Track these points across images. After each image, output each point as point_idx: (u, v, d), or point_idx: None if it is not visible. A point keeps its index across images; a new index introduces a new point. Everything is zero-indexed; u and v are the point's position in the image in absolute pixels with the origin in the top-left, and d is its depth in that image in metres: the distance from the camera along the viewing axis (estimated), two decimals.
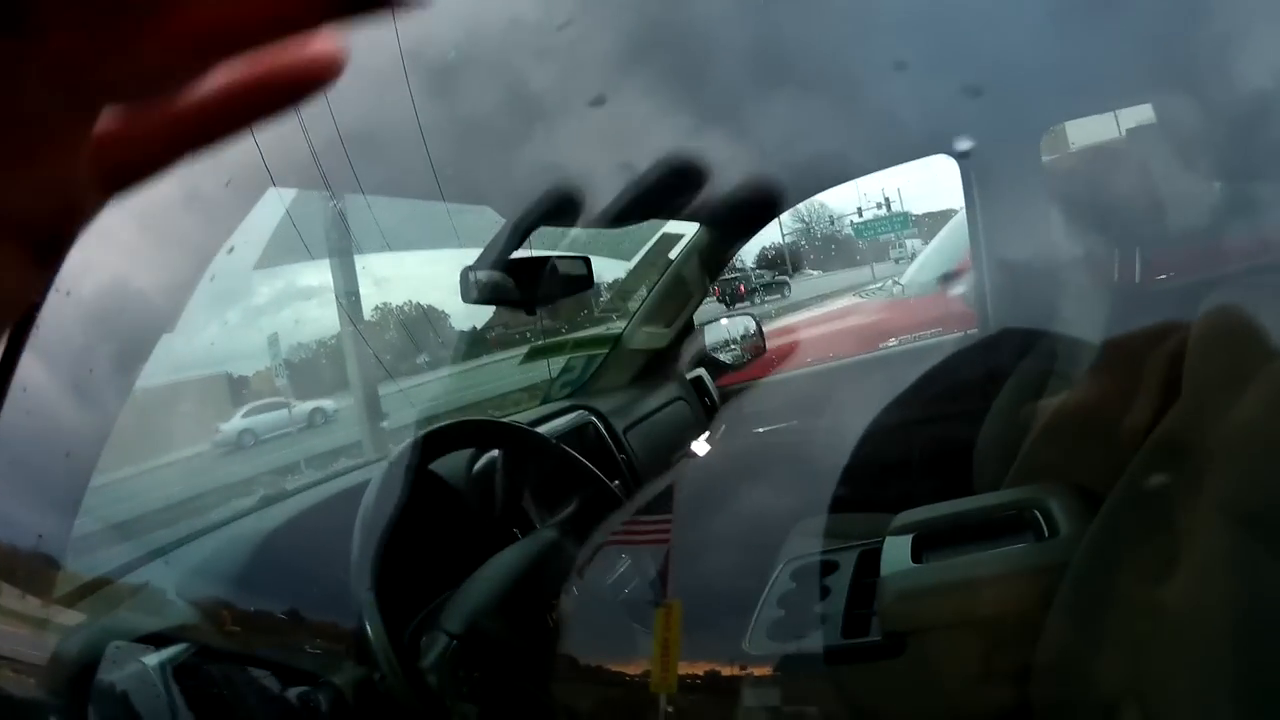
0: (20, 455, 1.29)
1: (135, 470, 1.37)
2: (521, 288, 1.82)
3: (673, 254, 2.67)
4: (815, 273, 11.17)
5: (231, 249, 1.47)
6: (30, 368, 1.22)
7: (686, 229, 2.61)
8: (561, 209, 1.82)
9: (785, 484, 2.76)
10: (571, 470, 1.51)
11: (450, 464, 1.60)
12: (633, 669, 1.37)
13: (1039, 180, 2.54)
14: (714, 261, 2.63)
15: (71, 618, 1.31)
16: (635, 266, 2.96)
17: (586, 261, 1.93)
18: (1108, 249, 1.98)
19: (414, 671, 1.15)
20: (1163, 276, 2.25)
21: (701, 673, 1.68)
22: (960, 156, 2.68)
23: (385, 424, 2.57)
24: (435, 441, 1.35)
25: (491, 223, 1.94)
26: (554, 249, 1.98)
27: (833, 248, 10.85)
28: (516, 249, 1.89)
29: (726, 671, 1.47)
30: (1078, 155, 2.23)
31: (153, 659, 1.23)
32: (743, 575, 1.99)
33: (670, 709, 1.37)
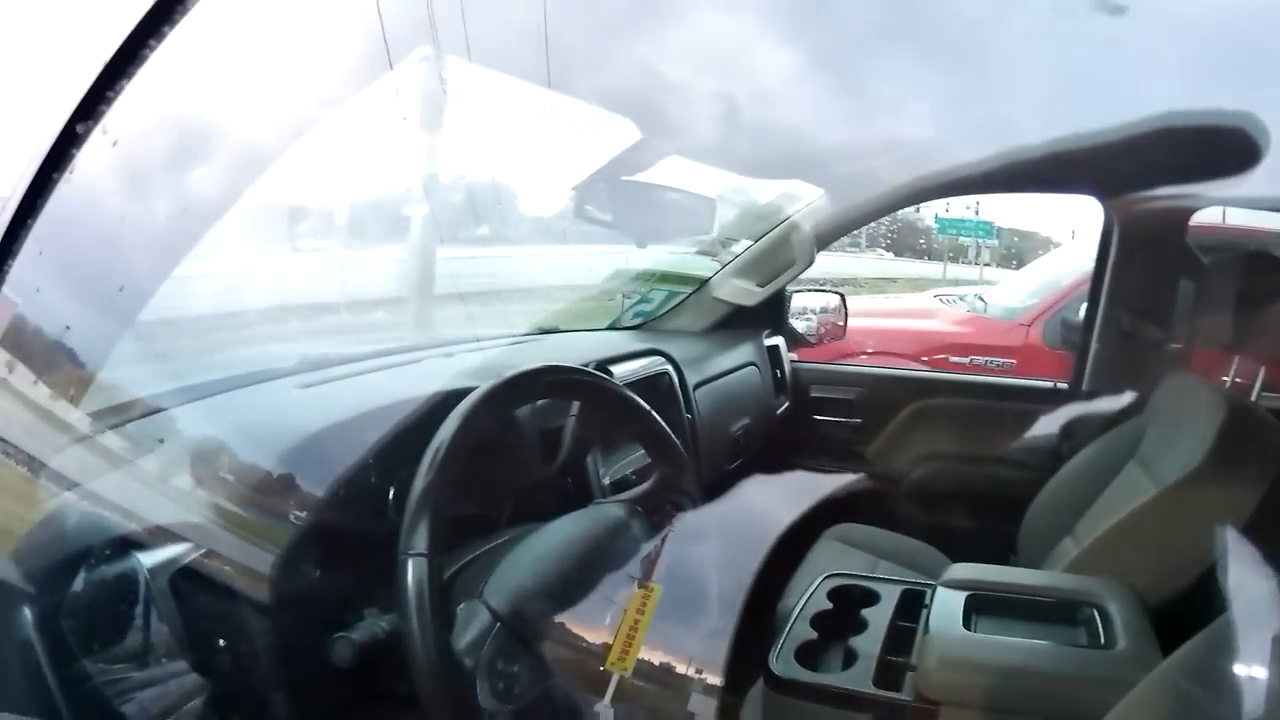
0: (77, 243, 1.18)
1: (185, 274, 1.22)
2: (639, 214, 1.69)
3: (787, 213, 2.54)
4: (886, 254, 10.96)
5: None
6: (111, 153, 1.10)
7: (809, 192, 2.49)
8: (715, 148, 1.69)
9: (831, 483, 2.67)
10: (657, 444, 1.38)
11: None
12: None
13: (1185, 259, 2.41)
14: (828, 233, 2.50)
15: (80, 432, 1.20)
16: (744, 215, 2.82)
17: (713, 205, 1.79)
18: (1234, 350, 1.85)
19: (446, 647, 1.02)
20: None
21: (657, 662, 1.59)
22: (1112, 205, 2.53)
23: (436, 290, 2.44)
24: (526, 386, 1.21)
25: (618, 135, 1.79)
26: (678, 178, 1.84)
27: (910, 234, 10.65)
28: (642, 172, 1.76)
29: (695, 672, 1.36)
30: (1232, 249, 2.07)
31: (149, 559, 1.11)
32: (771, 571, 1.91)
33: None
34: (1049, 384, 2.76)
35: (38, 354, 1.22)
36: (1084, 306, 2.72)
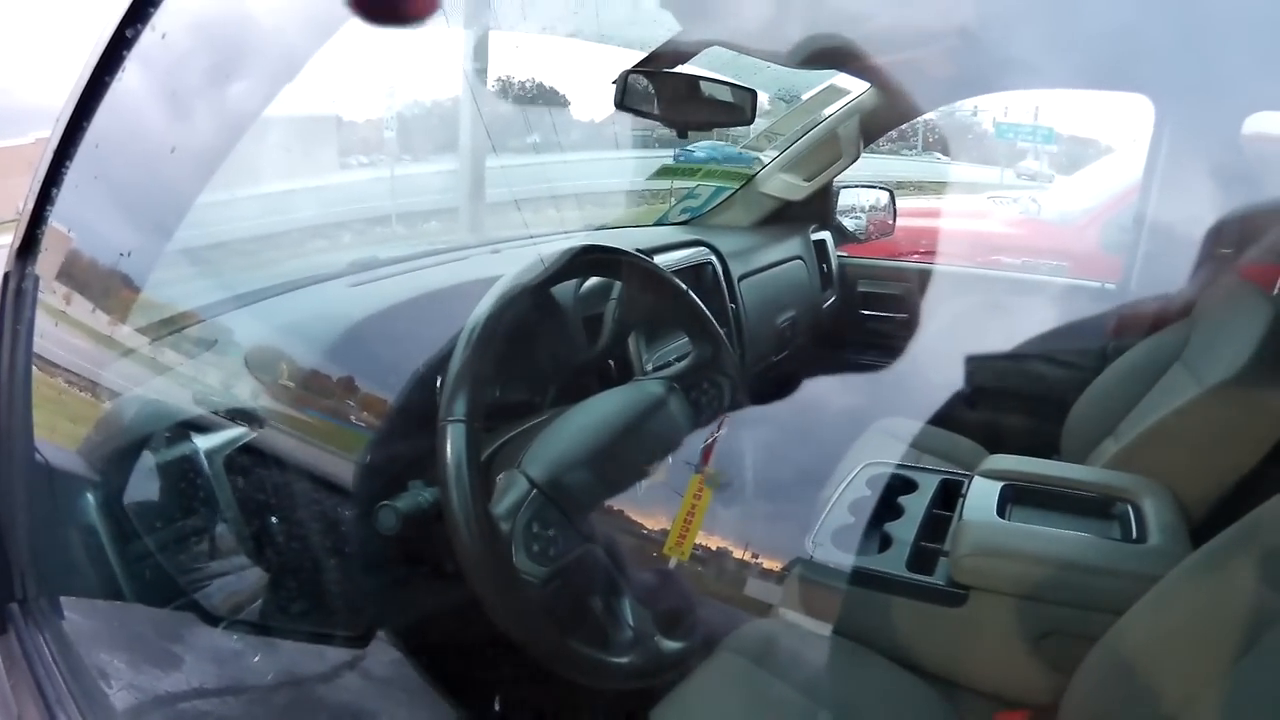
0: (119, 169, 1.20)
1: (230, 197, 1.26)
2: (680, 105, 1.68)
3: (834, 107, 2.54)
4: (942, 157, 10.77)
5: None
6: (138, 81, 1.12)
7: (856, 86, 2.47)
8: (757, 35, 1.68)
9: (877, 377, 2.69)
10: (694, 323, 1.40)
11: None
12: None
13: (1240, 162, 2.36)
14: (875, 127, 2.49)
15: (139, 347, 1.24)
16: (792, 110, 2.81)
17: (754, 97, 1.78)
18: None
19: (484, 511, 1.05)
20: None
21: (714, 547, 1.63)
22: (1164, 104, 2.49)
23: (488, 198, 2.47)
24: (561, 264, 1.23)
25: (655, 28, 1.78)
26: (720, 69, 1.84)
27: (967, 137, 10.43)
28: (684, 63, 1.76)
29: (738, 554, 1.41)
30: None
31: (205, 442, 1.17)
32: (815, 461, 1.93)
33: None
34: (1097, 284, 2.74)
35: (95, 283, 1.26)
36: None
